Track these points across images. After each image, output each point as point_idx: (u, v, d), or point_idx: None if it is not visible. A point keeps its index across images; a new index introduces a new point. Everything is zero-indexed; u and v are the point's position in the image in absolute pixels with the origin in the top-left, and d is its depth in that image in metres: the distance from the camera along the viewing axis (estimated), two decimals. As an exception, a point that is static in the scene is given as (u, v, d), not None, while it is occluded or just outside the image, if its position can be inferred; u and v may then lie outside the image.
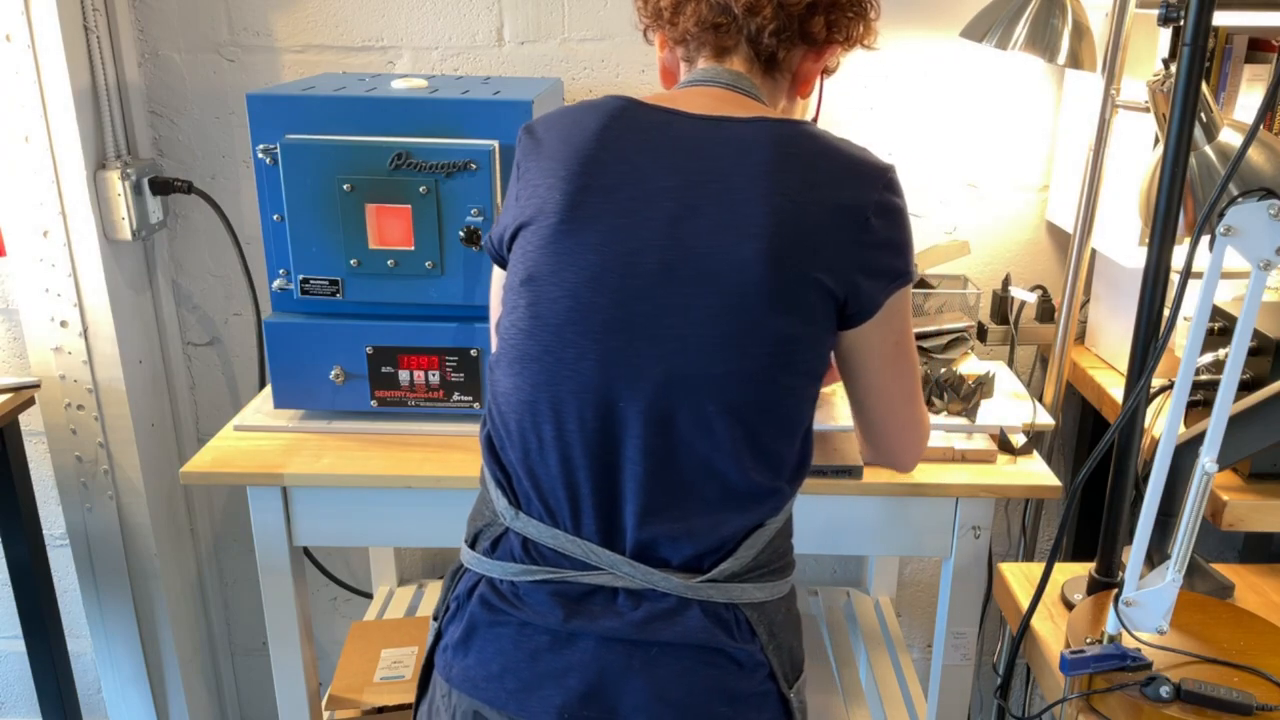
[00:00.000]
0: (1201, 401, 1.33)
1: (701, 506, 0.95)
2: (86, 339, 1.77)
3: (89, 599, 1.95)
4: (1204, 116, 1.29)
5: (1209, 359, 1.32)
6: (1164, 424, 0.94)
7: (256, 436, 1.49)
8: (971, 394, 1.51)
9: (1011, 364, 1.77)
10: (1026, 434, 1.48)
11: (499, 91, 1.45)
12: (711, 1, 1.02)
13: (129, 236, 1.74)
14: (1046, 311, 1.81)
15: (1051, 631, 1.16)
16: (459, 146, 1.36)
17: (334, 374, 1.46)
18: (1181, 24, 1.02)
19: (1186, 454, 1.11)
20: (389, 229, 1.39)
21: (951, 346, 1.68)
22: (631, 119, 0.99)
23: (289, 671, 1.53)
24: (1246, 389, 1.24)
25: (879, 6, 1.08)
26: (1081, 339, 1.87)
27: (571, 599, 0.96)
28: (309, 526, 1.45)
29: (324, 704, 1.70)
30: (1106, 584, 1.16)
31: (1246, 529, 1.28)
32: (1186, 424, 1.30)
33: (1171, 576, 0.97)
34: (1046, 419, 1.52)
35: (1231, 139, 1.30)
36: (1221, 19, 1.44)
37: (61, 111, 1.65)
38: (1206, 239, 0.89)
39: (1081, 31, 1.53)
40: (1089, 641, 1.01)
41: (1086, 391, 1.76)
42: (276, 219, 1.42)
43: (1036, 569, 1.24)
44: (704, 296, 0.92)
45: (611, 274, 0.93)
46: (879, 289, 0.96)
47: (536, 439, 0.96)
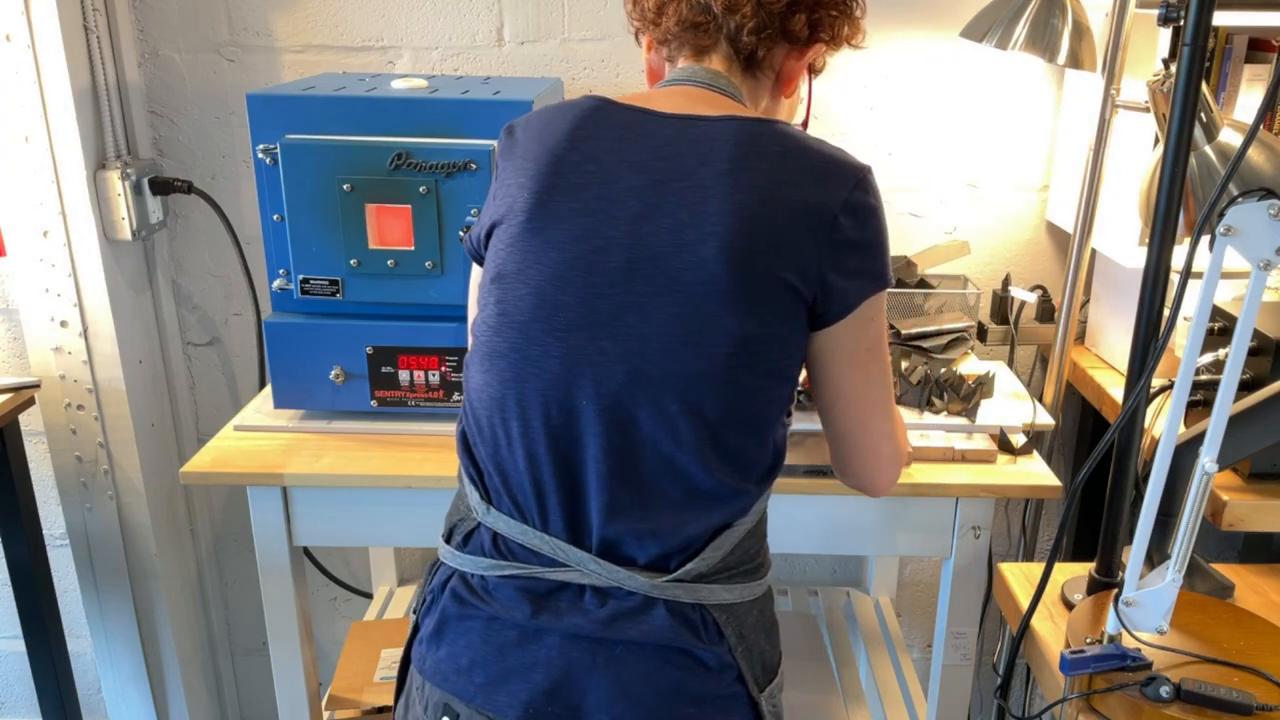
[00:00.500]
0: (1201, 401, 1.33)
1: (666, 506, 0.94)
2: (86, 339, 1.77)
3: (89, 599, 1.95)
4: (1204, 116, 1.29)
5: (1209, 359, 1.31)
6: (1164, 424, 0.94)
7: (256, 436, 1.49)
8: (971, 394, 1.51)
9: (1011, 364, 1.77)
10: (1026, 434, 1.48)
11: (499, 91, 1.45)
12: (692, 1, 1.01)
13: (129, 236, 1.74)
14: (1046, 311, 1.81)
15: (1051, 631, 1.16)
16: (459, 146, 1.36)
17: (334, 374, 1.46)
18: (1181, 24, 1.02)
19: (1186, 454, 1.11)
20: (389, 229, 1.39)
21: (951, 346, 1.68)
22: (603, 118, 0.99)
23: (289, 671, 1.53)
24: (1246, 389, 1.24)
25: (865, 5, 1.07)
26: (1081, 339, 1.87)
27: (539, 595, 0.96)
28: (309, 526, 1.45)
29: (324, 704, 1.70)
30: (1106, 584, 1.16)
31: (1246, 529, 1.28)
32: (1186, 424, 1.30)
33: (1171, 576, 0.97)
34: (1046, 419, 1.52)
35: (1231, 139, 1.30)
36: (1221, 19, 1.44)
37: (61, 111, 1.65)
38: (1206, 239, 0.89)
39: (1081, 31, 1.53)
40: (1089, 641, 1.01)
41: (1086, 391, 1.76)
42: (276, 219, 1.42)
43: (1036, 569, 1.24)
44: (664, 295, 0.91)
45: (576, 272, 0.93)
46: (852, 290, 0.95)
47: (505, 435, 0.96)
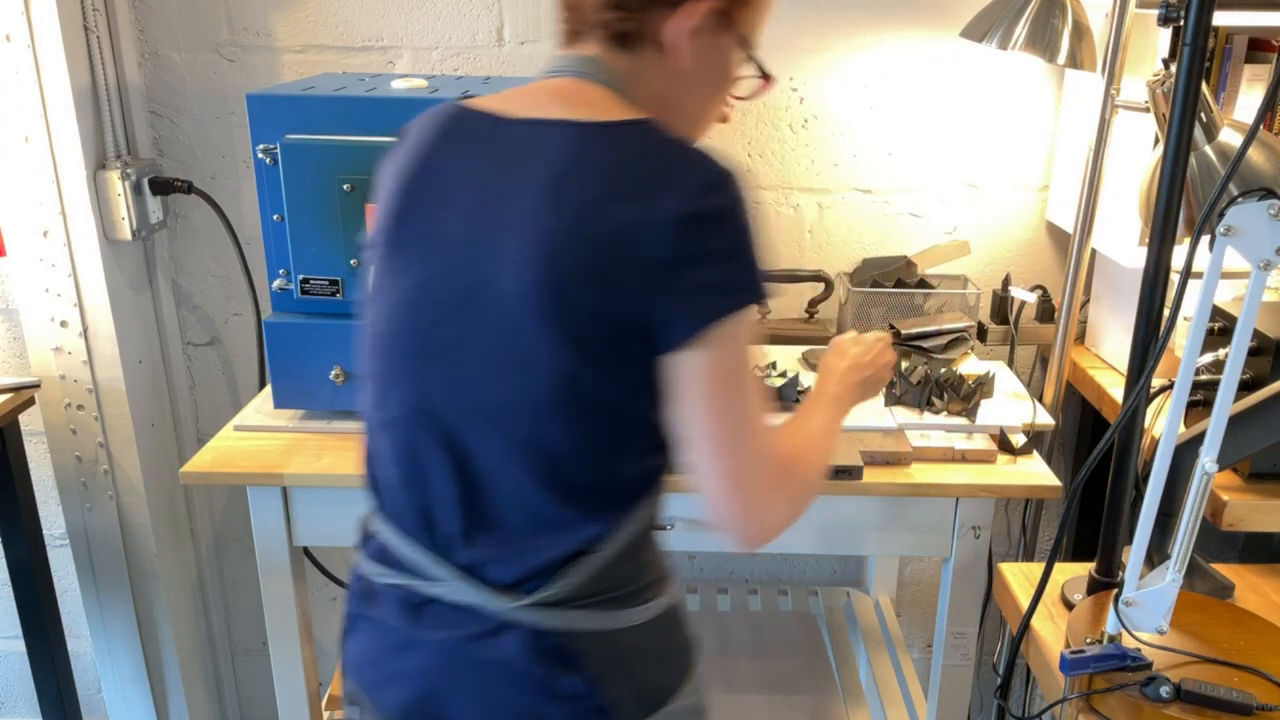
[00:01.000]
0: (1201, 401, 1.33)
1: (514, 532, 0.92)
2: (86, 339, 1.77)
3: (89, 599, 1.95)
4: (1204, 116, 1.29)
5: (1209, 359, 1.31)
6: (1164, 424, 0.94)
7: (256, 436, 1.49)
8: (971, 394, 1.51)
9: (1011, 364, 1.77)
10: (1026, 434, 1.48)
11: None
12: None
13: (129, 236, 1.74)
14: (1046, 311, 1.81)
15: (1051, 631, 1.16)
16: (459, 146, 1.36)
17: (334, 374, 1.46)
18: (1181, 24, 1.02)
19: (1186, 454, 1.11)
20: (389, 229, 1.39)
21: (951, 346, 1.68)
22: (456, 129, 0.94)
23: (289, 671, 1.53)
24: (1246, 389, 1.24)
25: None
26: (1081, 339, 1.87)
27: (415, 606, 0.95)
28: (309, 526, 1.45)
29: (324, 704, 1.70)
30: (1106, 584, 1.16)
31: (1246, 529, 1.28)
32: (1186, 424, 1.30)
33: (1171, 576, 0.97)
34: (1046, 419, 1.52)
35: (1231, 139, 1.30)
36: (1221, 19, 1.44)
37: (61, 111, 1.65)
38: (1206, 239, 0.89)
39: (1081, 31, 1.53)
40: (1089, 641, 1.01)
41: (1086, 391, 1.76)
42: (276, 219, 1.41)
43: (1036, 569, 1.24)
44: (489, 327, 0.87)
45: (414, 300, 0.91)
46: (695, 310, 0.83)
47: (380, 453, 0.97)
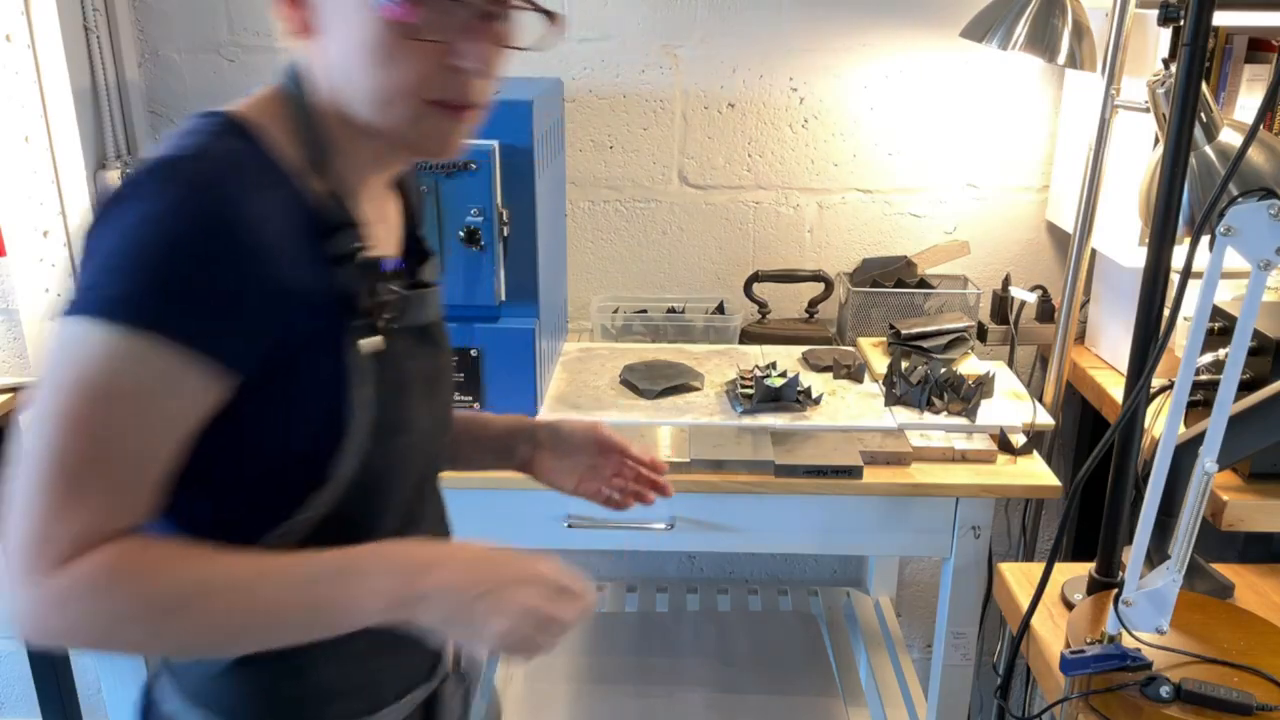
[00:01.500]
0: (1201, 401, 1.33)
1: None
2: (86, 339, 1.77)
3: (89, 599, 1.95)
4: (1204, 116, 1.29)
5: (1209, 359, 1.31)
6: (1164, 424, 0.94)
7: (256, 436, 1.49)
8: (971, 394, 1.51)
9: (1011, 364, 1.77)
10: (1026, 434, 1.48)
11: (499, 91, 1.44)
12: None
13: (129, 236, 1.74)
14: (1046, 311, 1.81)
15: (1051, 631, 1.16)
16: (459, 146, 1.35)
17: (334, 374, 1.46)
18: (1181, 24, 1.01)
19: (1186, 454, 1.11)
20: (389, 229, 1.38)
21: (951, 346, 1.68)
22: None
23: (289, 671, 1.53)
24: (1246, 389, 1.24)
25: None
26: (1081, 339, 1.87)
27: None
28: (309, 526, 1.45)
29: (324, 704, 1.70)
30: (1106, 584, 1.16)
31: (1246, 529, 1.29)
32: (1186, 424, 1.30)
33: (1171, 576, 0.97)
34: (1046, 419, 1.52)
35: (1231, 139, 1.30)
36: (1221, 19, 1.44)
37: (61, 111, 1.65)
38: (1206, 239, 0.89)
39: (1081, 31, 1.53)
40: (1089, 641, 1.01)
41: (1086, 391, 1.76)
42: (276, 219, 1.41)
43: (1036, 569, 1.24)
44: None
45: None
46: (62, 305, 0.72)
47: None
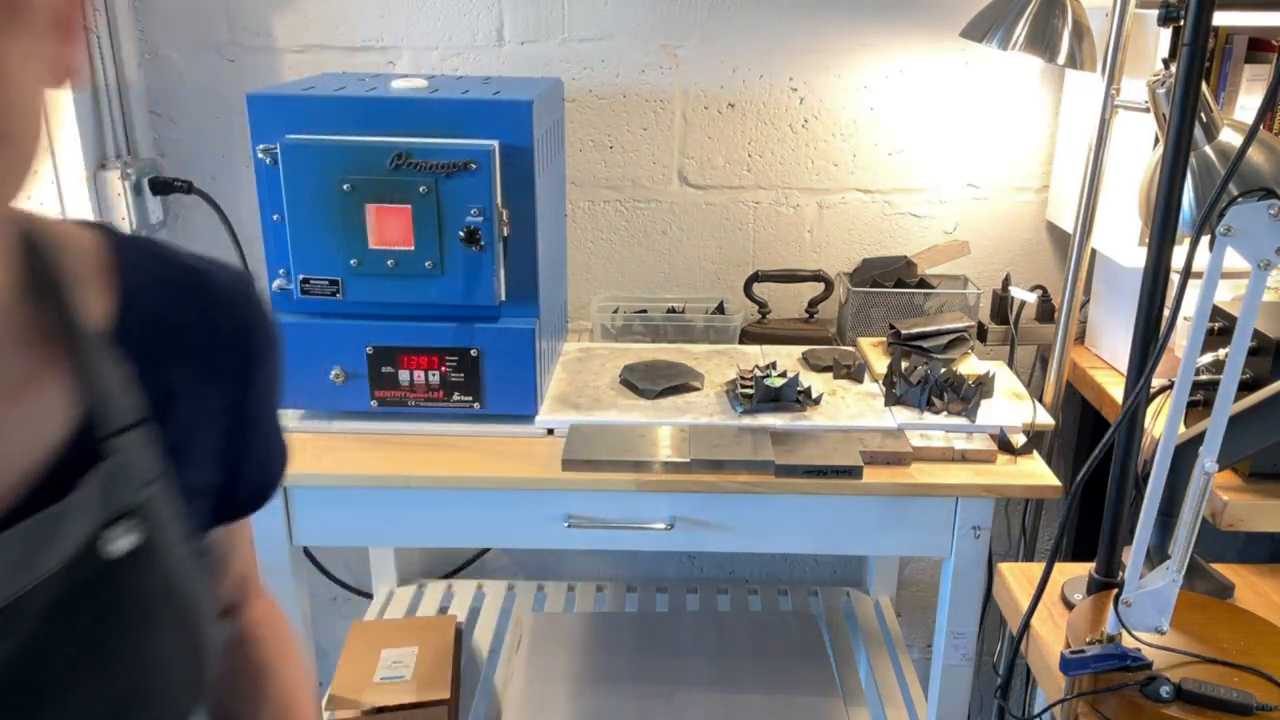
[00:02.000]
0: (1201, 401, 1.33)
1: None
2: (86, 339, 1.77)
3: (89, 599, 1.95)
4: (1204, 116, 1.29)
5: (1209, 359, 1.31)
6: (1164, 424, 0.94)
7: (256, 436, 1.49)
8: (971, 394, 1.51)
9: (1011, 364, 1.77)
10: (1026, 434, 1.48)
11: (499, 91, 1.45)
12: None
13: (129, 236, 1.74)
14: (1046, 311, 1.81)
15: (1051, 631, 1.16)
16: (459, 146, 1.35)
17: (334, 374, 1.46)
18: (1181, 24, 1.02)
19: (1186, 454, 1.11)
20: (389, 229, 1.39)
21: (951, 346, 1.68)
22: None
23: (289, 671, 1.53)
24: (1246, 389, 1.24)
25: None
26: (1081, 339, 1.87)
27: None
28: (309, 526, 1.45)
29: (324, 704, 1.70)
30: (1106, 584, 1.16)
31: (1246, 529, 1.28)
32: (1186, 424, 1.30)
33: (1171, 576, 0.97)
34: (1046, 419, 1.52)
35: (1231, 139, 1.30)
36: (1221, 19, 1.44)
37: (61, 111, 1.65)
38: (1206, 239, 0.89)
39: (1081, 31, 1.53)
40: (1089, 641, 1.01)
41: (1086, 391, 1.76)
42: (276, 219, 1.41)
43: (1036, 569, 1.24)
44: None
45: None
46: None
47: None
